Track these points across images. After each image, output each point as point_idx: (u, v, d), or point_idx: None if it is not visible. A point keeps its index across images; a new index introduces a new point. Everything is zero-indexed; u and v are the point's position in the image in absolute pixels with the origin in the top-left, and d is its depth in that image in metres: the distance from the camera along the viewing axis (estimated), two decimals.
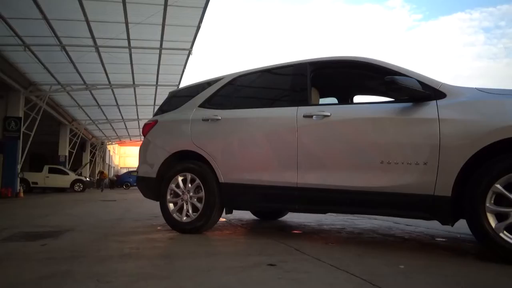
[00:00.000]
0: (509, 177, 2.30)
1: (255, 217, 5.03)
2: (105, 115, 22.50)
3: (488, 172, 2.36)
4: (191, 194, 3.63)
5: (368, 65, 3.10)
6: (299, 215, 5.24)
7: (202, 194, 3.54)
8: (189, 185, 3.65)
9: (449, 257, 2.60)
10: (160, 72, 14.80)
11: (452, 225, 2.66)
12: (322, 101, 4.02)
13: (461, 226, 2.82)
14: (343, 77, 3.88)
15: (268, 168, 3.26)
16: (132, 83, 15.85)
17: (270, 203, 3.44)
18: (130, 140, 34.51)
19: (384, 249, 2.89)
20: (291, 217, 5.07)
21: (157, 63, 13.79)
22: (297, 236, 3.60)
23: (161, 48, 12.51)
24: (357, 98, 4.29)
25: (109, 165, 39.84)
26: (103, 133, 29.90)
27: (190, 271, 2.17)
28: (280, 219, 4.95)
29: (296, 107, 3.19)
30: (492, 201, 2.35)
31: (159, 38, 11.83)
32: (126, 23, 10.64)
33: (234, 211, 3.82)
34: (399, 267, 2.23)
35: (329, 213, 4.94)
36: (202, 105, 3.86)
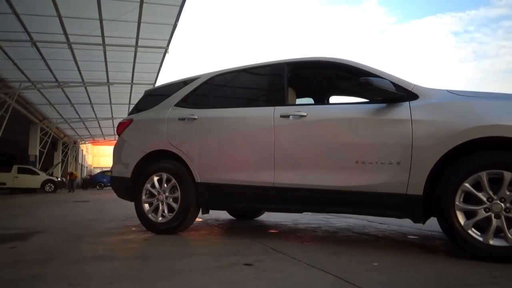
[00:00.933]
0: (477, 176, 2.39)
1: (231, 217, 5.03)
2: (78, 113, 21.95)
3: (458, 171, 2.44)
4: (166, 194, 3.59)
5: (344, 66, 3.15)
6: (276, 214, 5.27)
7: (178, 194, 3.51)
8: (165, 185, 3.61)
9: (421, 254, 2.68)
10: (135, 70, 14.57)
11: (423, 223, 2.73)
12: (298, 101, 4.05)
13: (432, 224, 2.91)
14: (320, 77, 3.92)
15: (244, 168, 3.26)
16: (106, 81, 15.54)
17: (246, 203, 3.44)
18: (104, 139, 33.81)
19: (359, 247, 2.95)
20: (267, 217, 5.09)
21: (132, 61, 13.57)
22: (274, 235, 3.61)
23: (136, 46, 12.32)
24: (333, 99, 4.36)
25: (82, 165, 38.87)
26: (75, 132, 29.16)
27: (166, 272, 2.14)
28: (257, 218, 4.96)
29: (273, 107, 3.21)
30: (461, 200, 2.43)
31: (134, 35, 11.64)
32: (101, 19, 10.42)
33: (210, 211, 3.81)
34: (373, 265, 2.28)
35: (305, 213, 4.99)
36: (179, 104, 3.82)
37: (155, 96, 4.26)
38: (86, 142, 37.76)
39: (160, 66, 14.38)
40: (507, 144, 2.38)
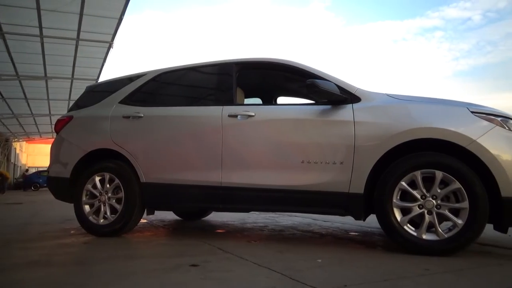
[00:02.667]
0: (412, 176, 2.56)
1: (178, 218, 4.93)
2: (10, 109, 20.32)
3: (395, 171, 2.59)
4: (109, 195, 3.44)
5: (291, 67, 3.22)
6: (223, 214, 5.26)
7: (122, 194, 3.38)
8: (108, 185, 3.46)
9: (361, 249, 2.81)
10: (76, 64, 13.79)
11: (364, 220, 2.87)
12: (246, 101, 4.07)
13: (372, 221, 3.06)
14: (268, 78, 3.97)
15: (192, 167, 3.21)
16: (44, 75, 14.55)
17: (193, 203, 3.39)
18: (41, 137, 31.66)
19: (304, 244, 3.03)
20: (214, 217, 5.06)
21: (73, 54, 12.83)
22: (221, 235, 3.60)
23: (78, 39, 11.66)
24: (281, 99, 4.43)
25: (15, 164, 36.11)
26: (8, 129, 26.97)
27: (108, 277, 2.05)
28: (204, 218, 4.91)
29: (221, 107, 3.20)
30: (398, 197, 2.59)
31: (76, 28, 11.02)
32: (38, 9, 9.74)
33: (156, 211, 3.71)
34: (317, 261, 2.35)
35: (252, 212, 5.03)
36: (123, 102, 3.68)
37: (98, 92, 4.07)
38: (20, 140, 35.13)
39: (104, 61, 13.74)
40: (439, 145, 2.57)
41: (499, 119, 2.58)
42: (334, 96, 2.82)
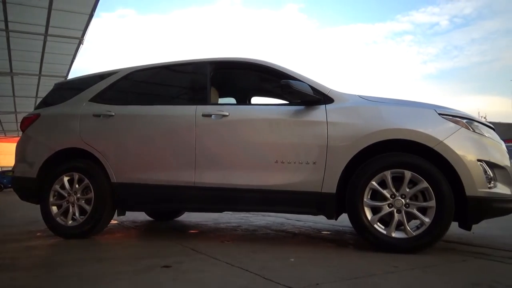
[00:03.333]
0: (383, 175, 2.62)
1: (150, 218, 4.85)
2: None
3: (366, 171, 2.65)
4: (78, 195, 3.34)
5: (266, 68, 3.23)
6: (196, 214, 5.21)
7: (92, 195, 3.28)
8: (77, 185, 3.35)
9: (333, 248, 2.86)
10: (44, 60, 13.33)
11: (335, 219, 2.92)
12: (221, 101, 4.05)
13: (343, 220, 3.11)
14: (242, 78, 3.97)
15: (164, 167, 3.17)
16: (9, 70, 13.97)
17: (166, 203, 3.35)
18: (5, 135, 30.43)
19: (277, 244, 3.04)
20: (187, 217, 5.01)
21: (41, 50, 12.39)
22: (194, 235, 3.57)
23: (46, 34, 11.28)
24: (255, 99, 4.44)
25: None
26: None
27: (75, 280, 1.99)
28: (177, 219, 4.85)
29: (195, 106, 3.17)
30: (369, 197, 2.65)
31: (44, 23, 10.65)
32: (4, 2, 9.34)
33: (127, 212, 3.63)
34: (289, 260, 2.37)
35: (226, 212, 5.01)
36: (94, 100, 3.58)
37: (67, 90, 3.94)
38: None
39: (74, 58, 13.35)
40: (408, 146, 2.65)
41: (464, 121, 2.68)
42: (307, 96, 2.85)
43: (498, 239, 3.22)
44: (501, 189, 2.62)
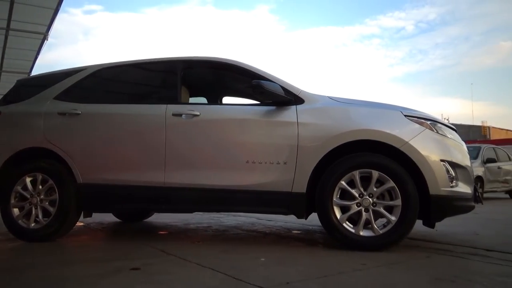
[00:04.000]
0: (351, 175, 2.68)
1: (117, 220, 4.73)
2: None
3: (335, 170, 2.70)
4: (42, 197, 3.21)
5: (237, 67, 3.22)
6: (166, 215, 5.13)
7: (56, 196, 3.16)
8: (40, 186, 3.22)
9: (303, 247, 2.89)
10: (6, 56, 12.71)
11: (306, 219, 2.95)
12: (191, 100, 4.01)
13: (313, 219, 3.15)
14: (213, 77, 3.94)
15: (133, 167, 3.10)
16: None
17: (134, 204, 3.28)
18: None
19: (247, 244, 3.05)
20: (156, 218, 4.92)
21: (2, 45, 11.82)
22: (163, 237, 3.52)
23: (8, 28, 10.76)
24: (226, 99, 4.42)
25: None
26: None
27: (38, 284, 1.92)
28: (145, 220, 4.76)
29: (165, 105, 3.12)
30: (338, 196, 2.70)
31: (6, 16, 10.16)
32: None
33: (94, 214, 3.52)
34: (260, 260, 2.38)
35: (196, 212, 4.97)
36: (59, 97, 3.45)
37: (30, 87, 3.78)
38: None
39: (37, 54, 12.81)
40: (375, 146, 2.72)
41: (428, 122, 2.79)
42: (278, 97, 2.87)
43: (459, 236, 3.37)
44: (462, 188, 2.74)
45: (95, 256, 2.66)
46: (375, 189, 2.66)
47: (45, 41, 11.78)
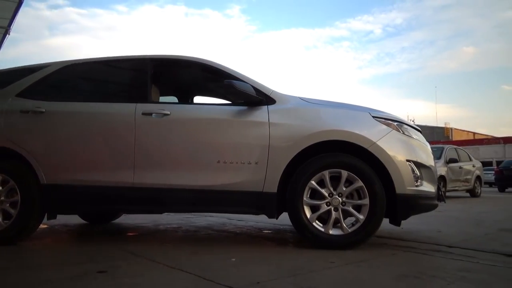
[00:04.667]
0: (321, 175, 2.72)
1: (83, 221, 4.58)
2: None
3: (306, 170, 2.74)
4: (2, 198, 3.07)
5: (209, 67, 3.20)
6: (135, 216, 5.03)
7: (18, 198, 3.02)
8: (0, 188, 3.08)
9: (273, 246, 2.91)
10: None
11: (276, 218, 2.97)
12: (162, 99, 3.95)
13: (284, 219, 3.18)
14: (184, 76, 3.90)
15: (101, 168, 3.01)
16: None
17: (102, 205, 3.19)
18: None
19: (218, 244, 3.03)
20: (125, 219, 4.82)
21: None
22: (132, 238, 3.44)
23: None
24: (197, 99, 4.38)
25: None
26: None
27: None
28: (113, 221, 4.64)
29: (135, 104, 3.06)
30: (308, 196, 2.74)
31: None
32: None
33: (58, 215, 3.40)
34: (231, 260, 2.37)
35: (166, 213, 4.90)
36: (21, 95, 3.30)
37: None
38: None
39: None
40: (345, 146, 2.77)
41: (395, 123, 2.88)
42: (250, 97, 2.88)
43: (423, 233, 3.50)
44: (426, 187, 2.84)
45: (60, 260, 2.57)
46: (344, 189, 2.71)
47: (7, 35, 11.25)
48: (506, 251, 2.63)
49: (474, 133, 52.64)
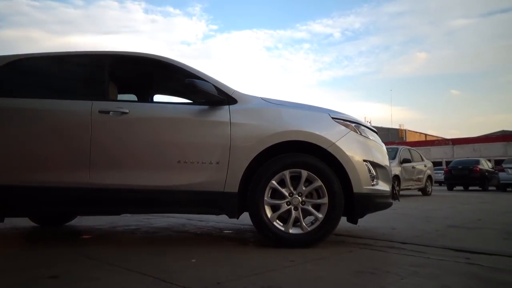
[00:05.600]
0: (282, 175, 2.75)
1: (34, 224, 4.35)
2: None
3: (267, 170, 2.76)
4: None
5: (169, 65, 3.14)
6: (91, 218, 4.84)
7: None
8: None
9: (234, 246, 2.91)
10: None
11: (237, 218, 2.97)
12: (120, 97, 3.84)
13: (244, 219, 3.19)
14: (144, 74, 3.81)
15: (54, 167, 2.87)
16: None
17: (54, 207, 3.03)
18: None
19: (178, 245, 2.98)
20: (80, 221, 4.62)
21: None
22: (87, 241, 3.31)
23: None
24: (157, 97, 4.30)
25: None
26: None
27: None
28: (68, 224, 4.44)
29: (91, 102, 2.94)
30: (269, 195, 2.76)
31: None
32: None
33: (6, 218, 3.20)
34: (191, 261, 2.34)
35: (124, 214, 4.76)
36: None
37: None
38: None
39: None
40: (305, 146, 2.82)
41: (353, 125, 2.97)
42: (212, 97, 2.86)
43: (378, 231, 3.63)
44: (382, 186, 2.96)
45: (8, 265, 2.42)
46: (304, 188, 2.76)
47: None
48: (454, 246, 2.79)
49: (426, 135, 55.50)
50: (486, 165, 17.02)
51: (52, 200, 2.92)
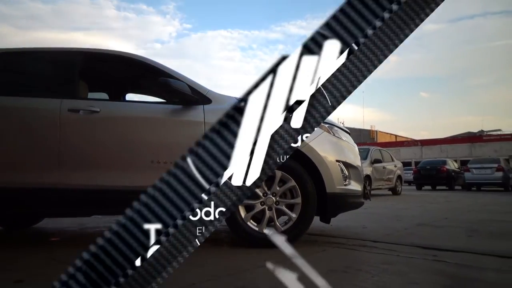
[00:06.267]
0: None
1: None
2: None
3: None
4: None
5: (143, 63, 3.09)
6: (59, 219, 4.68)
7: None
8: None
9: (208, 247, 2.88)
10: None
11: None
12: (91, 95, 3.74)
13: None
14: (116, 72, 3.73)
15: (21, 167, 2.76)
16: None
17: (20, 208, 2.92)
18: None
19: None
20: (48, 223, 4.47)
21: None
22: (55, 244, 3.21)
23: None
24: (130, 96, 4.21)
25: None
26: None
27: None
28: (35, 226, 4.28)
29: (60, 100, 2.85)
30: None
31: None
32: None
33: None
34: None
35: (94, 215, 4.64)
36: None
37: None
38: None
39: None
40: None
41: (326, 125, 3.01)
42: (186, 96, 2.83)
43: (351, 230, 3.71)
44: (354, 186, 3.02)
45: None
46: (278, 188, 2.78)
47: None
48: (422, 244, 2.88)
49: (396, 136, 57.00)
50: (452, 165, 17.66)
51: (18, 202, 2.80)
